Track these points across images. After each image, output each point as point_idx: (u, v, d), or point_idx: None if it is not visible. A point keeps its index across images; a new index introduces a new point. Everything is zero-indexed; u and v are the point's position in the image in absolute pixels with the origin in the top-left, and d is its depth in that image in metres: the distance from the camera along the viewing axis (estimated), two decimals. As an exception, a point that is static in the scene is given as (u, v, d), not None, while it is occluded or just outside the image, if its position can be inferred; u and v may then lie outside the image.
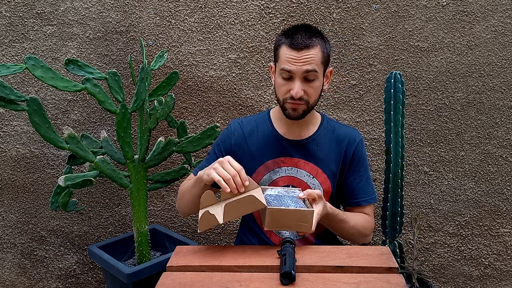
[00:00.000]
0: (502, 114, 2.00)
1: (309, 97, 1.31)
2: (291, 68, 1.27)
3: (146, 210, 1.83)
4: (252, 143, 1.42)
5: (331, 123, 1.46)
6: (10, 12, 2.01)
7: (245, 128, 1.45)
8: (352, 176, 1.43)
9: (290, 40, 1.27)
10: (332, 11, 1.97)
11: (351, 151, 1.41)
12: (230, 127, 1.47)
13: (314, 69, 1.27)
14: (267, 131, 1.43)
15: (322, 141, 1.41)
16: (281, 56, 1.30)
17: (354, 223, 1.34)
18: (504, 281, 2.13)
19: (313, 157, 1.40)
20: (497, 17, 1.93)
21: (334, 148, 1.41)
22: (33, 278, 2.23)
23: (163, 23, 2.02)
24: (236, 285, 0.99)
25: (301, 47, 1.25)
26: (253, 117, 1.49)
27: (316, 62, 1.27)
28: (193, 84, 2.06)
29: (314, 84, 1.29)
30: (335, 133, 1.43)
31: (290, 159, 1.40)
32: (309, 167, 1.39)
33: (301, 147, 1.40)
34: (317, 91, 1.32)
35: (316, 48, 1.27)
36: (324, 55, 1.30)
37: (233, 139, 1.44)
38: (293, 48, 1.26)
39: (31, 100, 1.55)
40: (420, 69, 1.99)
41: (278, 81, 1.32)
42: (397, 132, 1.71)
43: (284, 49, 1.28)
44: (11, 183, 2.15)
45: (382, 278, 1.02)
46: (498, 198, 2.06)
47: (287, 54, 1.27)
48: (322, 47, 1.29)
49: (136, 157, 1.79)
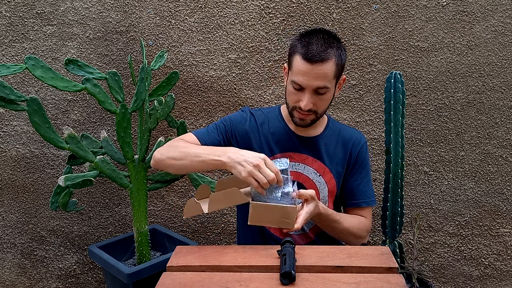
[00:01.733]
0: (502, 114, 2.00)
1: (318, 108, 1.30)
2: (302, 83, 1.24)
3: (146, 210, 1.83)
4: (264, 134, 1.40)
5: (336, 124, 1.47)
6: (10, 12, 2.01)
7: (258, 118, 1.42)
8: (353, 177, 1.43)
9: (305, 50, 1.22)
10: (332, 11, 1.97)
11: (355, 152, 1.42)
12: (245, 112, 1.44)
13: (325, 85, 1.24)
14: (278, 125, 1.42)
15: (328, 141, 1.41)
16: (294, 66, 1.26)
17: (348, 225, 1.33)
18: (504, 281, 2.13)
19: (321, 156, 1.40)
20: (497, 17, 1.93)
21: (340, 149, 1.42)
22: (33, 278, 2.23)
23: (163, 23, 2.02)
24: (236, 285, 0.99)
25: (315, 60, 1.21)
26: (263, 110, 1.47)
27: (328, 78, 1.24)
28: (193, 84, 2.06)
29: (325, 96, 1.28)
30: (341, 135, 1.43)
31: (298, 155, 1.39)
32: (317, 165, 1.39)
33: (311, 145, 1.40)
34: (327, 103, 1.32)
35: (330, 62, 1.23)
36: (338, 68, 1.26)
37: (247, 125, 1.41)
38: (306, 60, 1.22)
39: (31, 100, 1.55)
40: (420, 69, 1.99)
41: (289, 89, 1.31)
42: (397, 132, 1.71)
43: (298, 60, 1.24)
44: (11, 183, 2.15)
45: (382, 278, 1.02)
46: (498, 198, 2.06)
47: (300, 66, 1.24)
48: (337, 59, 1.25)
49: (136, 157, 1.79)
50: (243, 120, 1.41)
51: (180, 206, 2.17)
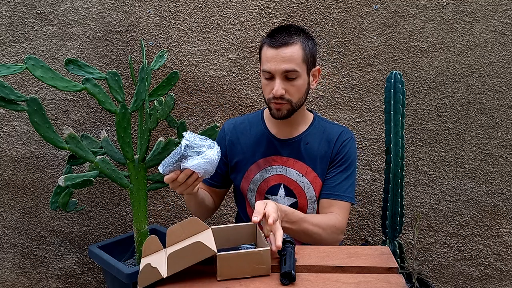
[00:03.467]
0: (502, 114, 2.00)
1: (291, 96, 1.29)
2: (270, 68, 1.27)
3: (146, 210, 1.83)
4: (245, 142, 1.44)
5: (322, 123, 1.46)
6: (10, 12, 2.01)
7: (238, 128, 1.47)
8: (332, 170, 1.40)
9: (270, 39, 1.28)
10: (332, 11, 1.97)
11: (337, 147, 1.40)
12: (224, 128, 1.50)
13: (293, 68, 1.26)
14: (259, 130, 1.44)
15: (311, 140, 1.41)
16: (262, 57, 1.31)
17: (316, 222, 1.27)
18: (504, 281, 2.13)
19: (302, 156, 1.40)
20: (497, 17, 1.93)
21: (324, 147, 1.40)
22: (33, 278, 2.23)
23: (163, 23, 2.02)
24: (236, 285, 0.99)
25: (279, 45, 1.25)
26: (247, 117, 1.51)
27: (295, 61, 1.26)
28: (193, 84, 2.06)
29: (296, 82, 1.29)
30: (326, 132, 1.42)
31: (280, 157, 1.41)
32: (298, 166, 1.40)
33: (290, 146, 1.40)
34: (300, 90, 1.31)
35: (295, 45, 1.26)
36: (305, 53, 1.28)
37: (227, 140, 1.47)
38: (271, 46, 1.26)
39: (31, 100, 1.55)
40: (420, 69, 1.99)
41: (262, 82, 1.33)
42: (397, 132, 1.71)
43: (265, 49, 1.29)
44: (11, 183, 2.15)
45: (382, 278, 1.02)
46: (498, 198, 2.06)
47: (266, 53, 1.28)
48: (303, 45, 1.28)
49: (136, 157, 1.79)
50: (222, 138, 1.49)
51: (180, 206, 2.17)
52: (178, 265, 0.99)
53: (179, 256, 0.98)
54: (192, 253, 0.98)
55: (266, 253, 1.01)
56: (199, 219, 1.12)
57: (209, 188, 1.53)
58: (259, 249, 1.02)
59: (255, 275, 1.01)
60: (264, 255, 1.01)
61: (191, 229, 1.12)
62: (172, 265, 0.99)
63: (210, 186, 1.52)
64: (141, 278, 0.98)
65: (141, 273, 0.98)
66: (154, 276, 0.99)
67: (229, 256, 1.00)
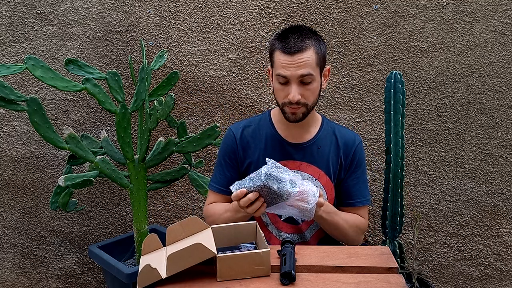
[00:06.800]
0: (502, 114, 2.00)
1: (307, 99, 1.30)
2: (286, 74, 1.27)
3: (146, 210, 1.83)
4: (256, 146, 1.42)
5: (330, 124, 1.47)
6: (10, 12, 2.01)
7: (246, 132, 1.44)
8: (349, 178, 1.43)
9: (283, 45, 1.27)
10: (332, 11, 1.97)
11: (350, 152, 1.42)
12: (232, 133, 1.45)
13: (309, 72, 1.26)
14: (269, 134, 1.43)
15: (322, 143, 1.42)
16: (276, 62, 1.30)
17: (345, 218, 1.36)
18: (504, 281, 2.13)
19: (315, 160, 1.40)
20: (497, 17, 1.93)
21: (334, 150, 1.42)
22: (33, 278, 2.23)
23: (163, 23, 2.02)
24: (236, 285, 0.99)
25: (294, 51, 1.25)
26: (253, 119, 1.49)
27: (311, 65, 1.27)
28: (193, 84, 2.06)
29: (311, 86, 1.29)
30: (335, 135, 1.44)
31: (293, 162, 1.41)
32: (311, 170, 1.40)
33: (303, 150, 1.41)
34: (314, 93, 1.32)
35: (309, 50, 1.26)
36: (318, 56, 1.29)
37: (238, 145, 1.43)
38: (286, 53, 1.26)
39: (31, 100, 1.55)
40: (420, 69, 1.99)
41: (275, 86, 1.33)
42: (397, 132, 1.71)
43: (278, 54, 1.28)
44: (11, 183, 2.15)
45: (382, 278, 1.02)
46: (498, 198, 2.06)
47: (281, 59, 1.27)
48: (316, 48, 1.29)
49: (136, 157, 1.79)
50: (232, 143, 1.44)
51: (180, 206, 2.17)
52: (178, 266, 0.99)
53: (178, 257, 0.99)
54: (192, 254, 0.99)
55: (266, 254, 1.02)
56: (199, 219, 1.12)
57: (224, 198, 1.46)
58: (259, 250, 1.03)
59: (255, 276, 1.02)
60: (264, 256, 1.01)
61: (191, 228, 1.12)
62: (172, 266, 0.99)
63: (226, 194, 1.44)
64: (141, 278, 0.99)
65: (140, 273, 0.99)
66: (153, 277, 0.99)
67: (229, 257, 1.00)
